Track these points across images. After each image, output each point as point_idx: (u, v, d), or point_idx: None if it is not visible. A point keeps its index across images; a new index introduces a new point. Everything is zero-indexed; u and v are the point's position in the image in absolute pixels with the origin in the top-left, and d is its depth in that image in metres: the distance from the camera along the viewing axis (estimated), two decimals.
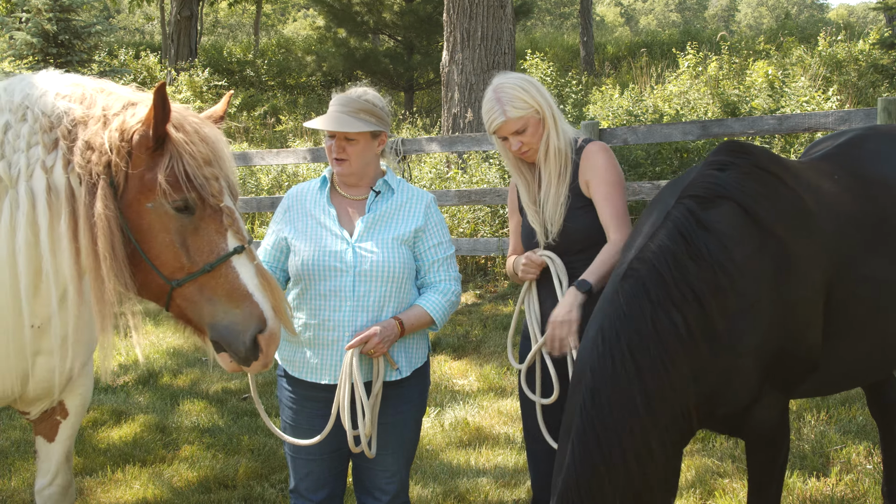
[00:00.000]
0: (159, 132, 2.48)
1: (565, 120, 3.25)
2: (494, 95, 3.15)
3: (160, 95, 2.42)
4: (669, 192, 2.87)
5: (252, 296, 2.49)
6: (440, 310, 3.12)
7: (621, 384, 2.51)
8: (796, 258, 2.74)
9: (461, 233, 9.19)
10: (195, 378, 6.55)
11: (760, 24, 52.93)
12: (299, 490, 3.22)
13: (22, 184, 2.58)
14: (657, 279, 2.59)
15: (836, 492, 4.13)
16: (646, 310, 2.56)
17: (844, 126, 6.46)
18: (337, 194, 3.20)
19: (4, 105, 2.65)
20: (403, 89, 20.17)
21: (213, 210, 2.53)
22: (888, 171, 3.21)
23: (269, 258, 3.22)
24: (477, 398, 5.79)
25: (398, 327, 3.01)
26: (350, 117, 3.03)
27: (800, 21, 29.82)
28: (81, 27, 13.14)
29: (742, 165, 2.83)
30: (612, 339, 2.56)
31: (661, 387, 2.51)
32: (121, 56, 21.56)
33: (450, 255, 3.21)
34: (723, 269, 2.62)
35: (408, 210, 3.15)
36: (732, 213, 2.71)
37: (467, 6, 10.70)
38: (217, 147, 2.57)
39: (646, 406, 2.49)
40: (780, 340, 2.70)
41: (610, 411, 2.49)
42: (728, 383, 2.68)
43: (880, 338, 3.02)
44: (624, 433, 2.47)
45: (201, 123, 2.61)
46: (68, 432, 3.24)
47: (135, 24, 45.92)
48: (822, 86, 11.97)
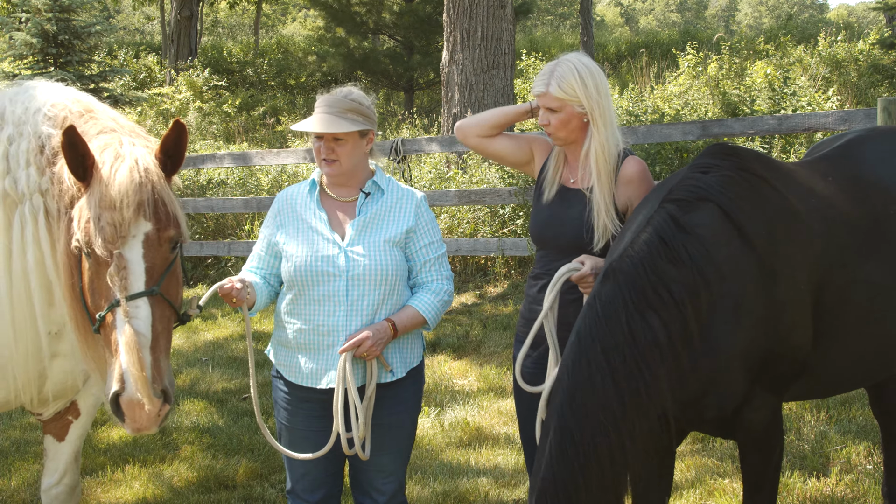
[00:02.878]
0: (73, 173, 2.47)
1: (615, 127, 3.11)
2: (554, 65, 3.08)
3: (67, 137, 2.41)
4: (655, 196, 2.85)
5: (119, 353, 2.42)
6: (433, 310, 3.10)
7: (596, 387, 2.51)
8: (780, 260, 2.72)
9: (461, 233, 9.18)
10: (195, 378, 6.55)
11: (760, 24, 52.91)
12: (296, 491, 3.22)
13: (27, 202, 2.62)
14: (634, 283, 2.58)
15: (836, 492, 4.13)
16: (621, 313, 2.55)
17: (844, 126, 6.46)
18: (327, 197, 3.18)
19: (9, 117, 2.68)
20: (403, 89, 20.17)
21: (108, 256, 2.48)
22: (884, 173, 3.18)
23: (263, 264, 3.20)
24: (477, 398, 5.79)
25: (391, 329, 3.01)
26: (337, 118, 3.01)
27: (800, 21, 29.81)
28: (81, 27, 13.11)
29: (726, 168, 2.81)
30: (587, 342, 2.56)
31: (636, 390, 2.50)
32: (121, 56, 21.56)
33: (441, 254, 3.19)
34: (703, 272, 2.61)
35: (398, 211, 3.14)
36: (714, 216, 2.70)
37: (467, 6, 10.70)
38: (120, 192, 2.48)
39: (621, 409, 2.49)
40: (766, 342, 2.69)
41: (585, 413, 2.49)
42: (714, 386, 2.67)
43: (875, 341, 3.01)
44: (599, 435, 2.47)
45: (120, 164, 2.53)
46: (79, 432, 3.26)
47: (135, 24, 45.92)
48: (822, 86, 11.97)
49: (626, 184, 3.09)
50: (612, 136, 3.08)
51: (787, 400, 3.10)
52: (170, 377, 2.53)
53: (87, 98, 2.91)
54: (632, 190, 3.08)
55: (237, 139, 17.05)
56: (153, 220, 2.54)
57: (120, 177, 2.49)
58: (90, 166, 2.52)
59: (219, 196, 10.94)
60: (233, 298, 2.91)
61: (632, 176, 3.09)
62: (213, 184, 11.37)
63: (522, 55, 14.48)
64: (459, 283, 8.84)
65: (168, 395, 2.49)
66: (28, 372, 2.88)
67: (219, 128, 17.80)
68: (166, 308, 2.58)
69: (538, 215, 3.25)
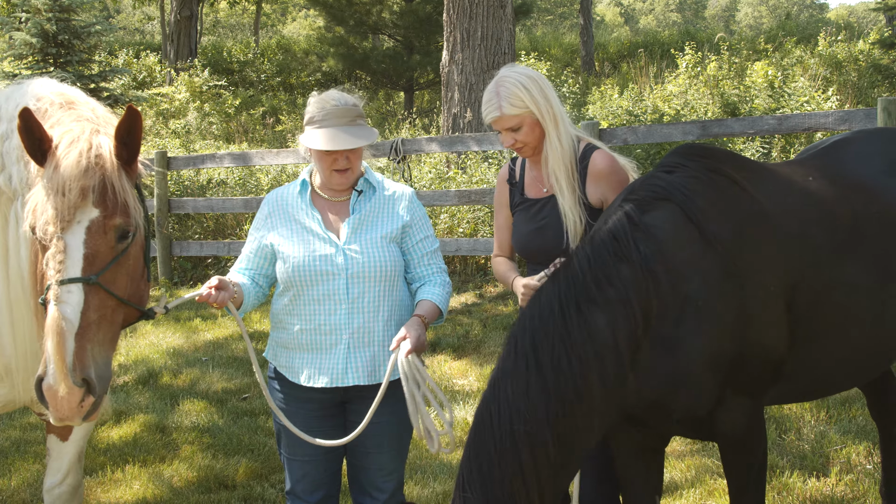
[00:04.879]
0: (32, 157, 2.48)
1: (569, 122, 3.17)
2: (495, 88, 3.10)
3: (23, 121, 2.41)
4: (622, 196, 2.84)
5: (46, 339, 2.36)
6: (445, 302, 3.17)
7: (518, 376, 2.51)
8: (747, 262, 2.68)
9: (461, 233, 9.18)
10: (195, 378, 6.55)
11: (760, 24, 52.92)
12: (296, 492, 3.22)
13: (20, 198, 2.62)
14: (577, 279, 2.58)
15: (836, 492, 4.13)
16: (555, 309, 2.55)
17: (844, 126, 6.47)
18: (318, 197, 3.18)
19: (3, 114, 2.68)
20: (403, 89, 20.19)
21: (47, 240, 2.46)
22: (866, 173, 3.15)
23: (252, 265, 3.19)
24: (477, 398, 5.78)
25: (423, 323, 3.04)
26: (354, 128, 3.02)
27: (800, 21, 29.82)
28: (81, 27, 13.10)
29: (692, 168, 2.79)
30: (519, 334, 2.57)
31: (562, 383, 2.48)
32: (121, 56, 21.56)
33: (436, 248, 3.24)
34: (654, 271, 2.57)
35: (392, 207, 3.15)
36: (674, 216, 2.67)
37: (467, 6, 10.70)
38: (65, 175, 2.46)
39: (543, 400, 2.47)
40: (734, 345, 2.64)
41: (504, 400, 2.49)
42: (678, 388, 2.63)
43: (859, 342, 2.96)
44: (516, 422, 2.46)
45: (72, 148, 2.51)
46: (82, 432, 3.25)
47: (135, 24, 45.92)
48: (822, 86, 11.98)
49: (597, 179, 3.10)
50: (565, 132, 3.12)
51: (772, 403, 3.06)
52: (101, 369, 2.43)
53: (73, 91, 2.90)
54: (604, 185, 3.09)
55: (237, 139, 17.05)
56: (100, 206, 2.49)
57: (67, 160, 2.47)
58: (47, 151, 2.51)
59: (219, 196, 10.94)
60: (213, 304, 2.91)
61: (601, 171, 3.11)
62: (213, 184, 11.37)
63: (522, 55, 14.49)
64: (459, 283, 8.84)
65: (91, 386, 2.38)
66: (28, 370, 2.88)
67: (219, 128, 17.81)
68: (108, 299, 2.49)
69: (519, 230, 3.28)
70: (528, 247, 3.25)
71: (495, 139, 8.28)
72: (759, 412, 2.86)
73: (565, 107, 12.00)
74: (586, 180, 3.11)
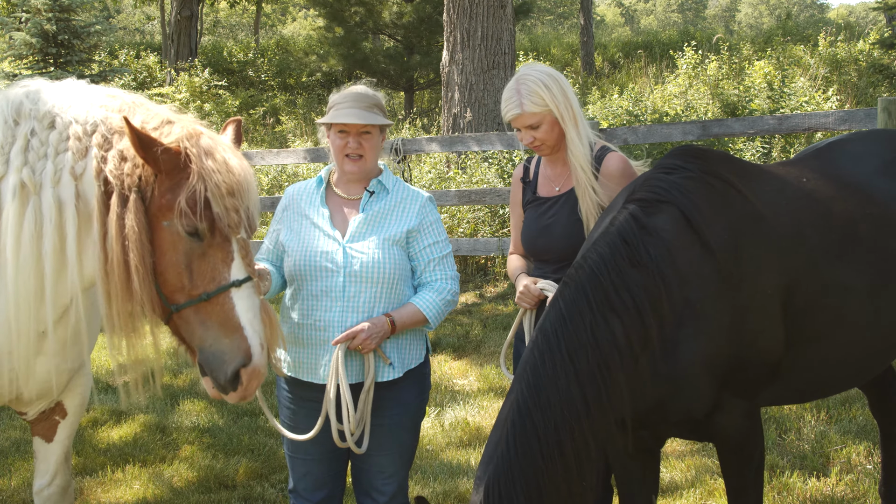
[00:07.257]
0: (143, 156, 2.49)
1: (586, 123, 3.20)
2: (516, 86, 3.12)
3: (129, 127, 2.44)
4: (621, 197, 2.85)
5: (243, 329, 2.50)
6: (434, 308, 3.11)
7: (560, 386, 2.51)
8: (742, 265, 2.69)
9: (461, 233, 9.19)
10: (195, 378, 6.55)
11: (761, 24, 52.91)
12: (298, 490, 3.22)
13: (48, 190, 2.60)
14: (597, 285, 2.58)
15: (836, 492, 4.13)
16: (585, 315, 2.56)
17: (844, 126, 6.47)
18: (333, 194, 3.20)
19: (29, 112, 2.67)
20: (403, 89, 20.17)
21: (224, 239, 2.54)
22: (862, 174, 3.15)
23: (272, 257, 3.24)
24: (477, 398, 5.79)
25: (389, 325, 3.01)
26: (368, 112, 3.04)
27: (800, 21, 29.81)
28: (81, 27, 13.10)
29: (690, 170, 2.80)
30: (553, 341, 2.57)
31: (598, 394, 2.51)
32: (121, 56, 21.55)
33: (446, 253, 3.21)
34: (664, 275, 2.59)
35: (402, 210, 3.15)
36: (675, 219, 2.68)
37: (467, 6, 10.70)
38: (242, 179, 2.58)
39: (585, 410, 2.50)
40: (732, 348, 2.66)
41: (551, 410, 2.50)
42: (677, 391, 2.65)
43: (856, 343, 2.95)
44: (565, 433, 2.48)
45: (232, 154, 2.63)
46: (67, 432, 3.24)
47: (135, 24, 45.92)
48: (822, 86, 11.98)
49: (608, 180, 3.13)
50: (584, 130, 3.16)
51: (769, 404, 3.07)
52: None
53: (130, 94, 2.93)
54: (614, 186, 3.11)
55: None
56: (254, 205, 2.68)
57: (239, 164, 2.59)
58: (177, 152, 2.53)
59: None
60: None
61: (612, 172, 3.14)
62: None
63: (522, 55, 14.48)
64: (459, 283, 8.84)
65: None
66: (20, 368, 2.85)
67: (219, 128, 17.75)
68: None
69: (527, 228, 3.31)
70: (535, 244, 3.28)
71: (495, 139, 8.29)
72: (756, 413, 2.87)
73: None
74: (600, 180, 3.14)
